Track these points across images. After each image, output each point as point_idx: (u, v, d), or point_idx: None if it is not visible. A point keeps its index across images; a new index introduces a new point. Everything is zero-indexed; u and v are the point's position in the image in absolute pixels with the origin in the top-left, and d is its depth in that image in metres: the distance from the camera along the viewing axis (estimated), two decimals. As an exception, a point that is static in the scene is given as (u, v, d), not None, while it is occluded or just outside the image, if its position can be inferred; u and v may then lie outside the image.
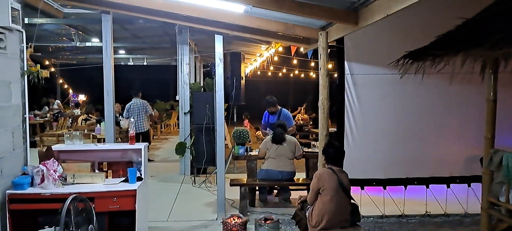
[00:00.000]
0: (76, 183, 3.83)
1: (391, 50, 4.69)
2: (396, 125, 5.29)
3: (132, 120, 9.87)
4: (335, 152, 3.76)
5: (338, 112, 5.23)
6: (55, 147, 4.11)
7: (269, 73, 19.41)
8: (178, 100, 8.32)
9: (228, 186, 5.67)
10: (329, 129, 4.66)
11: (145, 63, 18.40)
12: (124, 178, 3.97)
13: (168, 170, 8.76)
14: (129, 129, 4.04)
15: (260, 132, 14.81)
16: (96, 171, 4.08)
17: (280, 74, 19.49)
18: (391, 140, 5.29)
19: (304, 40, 5.82)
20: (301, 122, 12.96)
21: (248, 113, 14.63)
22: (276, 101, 6.43)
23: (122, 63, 19.18)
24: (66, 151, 4.09)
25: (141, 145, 4.03)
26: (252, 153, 6.01)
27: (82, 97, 21.33)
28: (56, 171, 3.79)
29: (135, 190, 3.70)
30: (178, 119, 11.86)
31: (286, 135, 5.65)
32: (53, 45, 12.68)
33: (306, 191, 6.23)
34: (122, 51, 15.98)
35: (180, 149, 7.85)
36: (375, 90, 5.23)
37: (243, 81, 7.73)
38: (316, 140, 13.41)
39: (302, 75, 19.17)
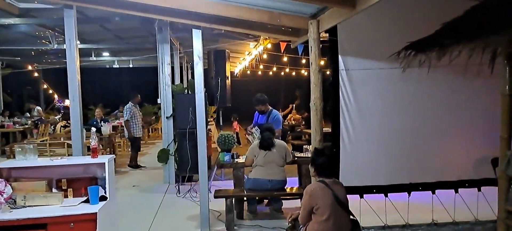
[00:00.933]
0: (28, 206, 3.25)
1: (391, 42, 4.15)
2: (398, 125, 4.75)
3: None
4: (325, 161, 3.22)
5: (333, 112, 4.69)
6: (4, 164, 3.52)
7: (259, 73, 18.87)
8: (160, 104, 7.74)
9: (213, 197, 5.13)
10: (323, 129, 4.14)
11: (131, 66, 17.78)
12: (86, 198, 3.39)
13: (152, 178, 8.17)
14: (90, 140, 3.45)
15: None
16: (54, 190, 3.49)
17: (271, 73, 18.96)
18: (392, 142, 4.75)
19: (293, 32, 5.26)
20: (293, 122, 12.41)
21: (237, 115, 14.05)
22: (266, 99, 5.87)
23: (107, 66, 18.54)
24: (18, 168, 3.50)
25: (105, 158, 3.45)
26: (239, 160, 5.45)
27: (68, 102, 20.52)
28: (3, 192, 3.21)
29: (96, 213, 3.12)
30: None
31: (275, 139, 5.10)
32: (29, 49, 12.05)
33: (299, 202, 5.70)
34: (106, 54, 15.36)
35: (162, 156, 7.27)
36: (374, 87, 4.70)
37: (228, 81, 7.17)
38: (310, 141, 12.95)
39: (293, 73, 18.66)
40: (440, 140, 4.82)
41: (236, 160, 5.46)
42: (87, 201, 3.32)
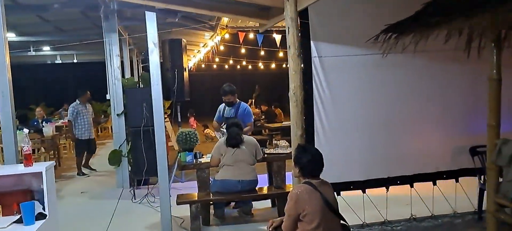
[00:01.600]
0: None
1: (367, 25, 3.81)
2: (374, 115, 4.43)
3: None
4: (311, 159, 2.79)
5: (306, 104, 4.28)
6: None
7: (214, 66, 18.26)
8: (109, 100, 6.99)
9: (174, 202, 4.57)
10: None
11: (75, 61, 16.51)
12: (19, 217, 2.73)
13: (103, 183, 7.41)
14: (22, 145, 2.78)
15: (209, 129, 13.72)
16: (-23, 208, 2.80)
17: (227, 66, 18.40)
18: (369, 134, 4.43)
19: (263, 13, 4.73)
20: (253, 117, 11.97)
21: (193, 110, 13.40)
22: (235, 89, 5.35)
23: (49, 62, 17.11)
24: None
25: (42, 166, 2.80)
26: (202, 160, 4.91)
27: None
28: None
29: (31, 237, 2.49)
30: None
31: (244, 135, 4.62)
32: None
33: (270, 203, 5.27)
34: (46, 48, 14.06)
35: (114, 158, 6.56)
36: (348, 75, 4.33)
37: (186, 74, 6.59)
38: (271, 135, 12.57)
39: (250, 66, 18.22)
40: (417, 130, 4.56)
41: (199, 160, 4.92)
42: (20, 221, 2.68)
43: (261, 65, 17.33)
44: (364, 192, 4.43)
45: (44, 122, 9.05)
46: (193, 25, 8.14)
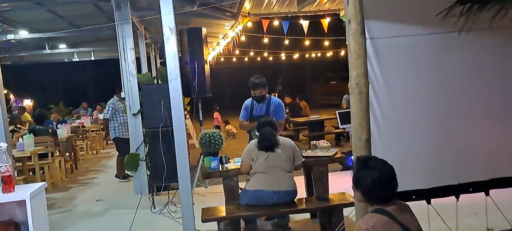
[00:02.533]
0: None
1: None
2: (440, 110, 3.60)
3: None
4: (380, 178, 2.04)
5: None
6: None
7: (234, 59, 17.53)
8: (124, 98, 6.34)
9: (199, 214, 3.89)
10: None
11: (92, 58, 16.07)
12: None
13: (120, 189, 6.81)
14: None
15: (231, 125, 13.03)
16: None
17: (246, 59, 17.65)
18: (434, 133, 3.60)
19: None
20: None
21: (217, 105, 12.75)
22: (265, 82, 4.62)
23: (66, 60, 16.70)
24: None
25: (26, 192, 2.12)
26: (230, 166, 4.20)
27: (28, 102, 18.63)
28: None
29: None
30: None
31: (279, 136, 3.87)
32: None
33: (309, 215, 4.51)
34: (63, 46, 13.64)
35: (131, 162, 5.92)
36: (408, 60, 3.51)
37: (207, 67, 5.89)
38: (297, 130, 11.77)
39: (270, 58, 17.41)
40: (493, 126, 3.72)
41: (226, 166, 4.20)
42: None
43: (283, 56, 16.50)
44: (429, 202, 3.62)
45: (59, 124, 8.53)
46: (213, 14, 7.43)
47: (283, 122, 4.74)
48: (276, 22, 8.28)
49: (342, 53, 15.91)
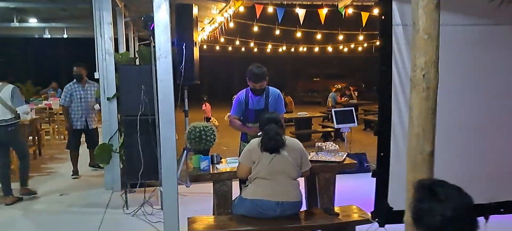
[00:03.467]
0: None
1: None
2: (479, 114, 3.08)
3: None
4: (455, 216, 1.45)
5: (382, 94, 2.94)
6: None
7: (217, 47, 16.73)
8: (97, 80, 5.55)
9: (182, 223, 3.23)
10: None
11: (65, 36, 14.97)
12: None
13: (89, 183, 6.02)
14: None
15: (213, 118, 12.31)
16: None
17: (230, 48, 16.88)
18: (477, 140, 3.08)
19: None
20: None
21: (206, 95, 11.99)
22: (266, 72, 3.97)
23: (36, 36, 15.49)
24: None
25: None
26: (221, 167, 3.55)
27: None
28: None
29: None
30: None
31: (286, 137, 3.24)
32: None
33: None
34: (33, 20, 12.53)
35: (102, 154, 5.16)
36: (447, 52, 2.96)
37: (196, 50, 5.20)
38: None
39: (256, 49, 16.69)
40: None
41: (218, 167, 3.55)
42: None
43: (269, 47, 15.82)
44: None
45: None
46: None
47: (282, 116, 4.12)
48: (270, 9, 7.61)
49: (330, 49, 15.42)
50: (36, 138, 7.70)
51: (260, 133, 3.23)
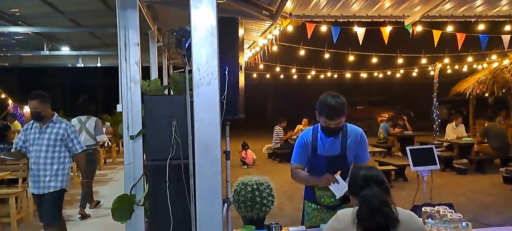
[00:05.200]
0: None
1: None
2: None
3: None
4: None
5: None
6: None
7: (254, 75, 15.72)
8: (120, 113, 4.55)
9: None
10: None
11: (99, 65, 14.50)
12: None
13: (109, 234, 4.98)
14: None
15: (251, 150, 11.14)
16: None
17: (268, 75, 15.81)
18: None
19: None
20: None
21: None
22: (345, 104, 2.83)
23: (70, 65, 15.08)
24: None
25: None
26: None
27: (28, 110, 16.89)
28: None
29: None
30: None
31: (399, 208, 2.03)
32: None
33: None
34: (65, 48, 12.07)
35: (122, 208, 4.08)
36: None
37: (241, 75, 4.11)
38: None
39: (295, 76, 15.56)
40: None
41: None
42: None
43: (330, 73, 14.46)
44: None
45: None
46: (246, 10, 5.70)
47: (367, 164, 2.93)
48: (323, 28, 6.51)
49: (380, 75, 14.08)
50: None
51: (346, 192, 2.06)
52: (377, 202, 1.91)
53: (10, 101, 16.92)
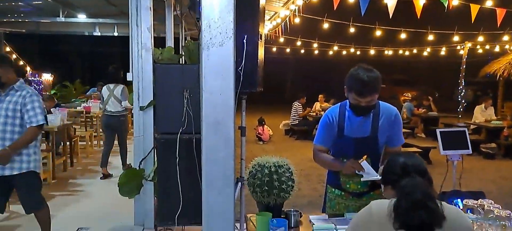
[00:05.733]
0: None
1: None
2: None
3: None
4: None
5: None
6: None
7: (274, 49, 15.26)
8: (130, 82, 4.28)
9: None
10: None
11: (116, 34, 14.27)
12: None
13: (118, 209, 4.78)
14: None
15: (267, 126, 10.84)
16: None
17: (288, 49, 15.35)
18: None
19: None
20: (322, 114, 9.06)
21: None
22: (379, 79, 2.48)
23: (86, 33, 14.91)
24: None
25: None
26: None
27: (47, 77, 16.93)
28: None
29: None
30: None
31: (445, 204, 1.69)
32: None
33: None
34: (82, 15, 11.87)
35: (129, 184, 3.85)
36: None
37: (261, 46, 3.75)
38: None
39: (316, 51, 15.04)
40: None
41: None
42: None
43: (352, 49, 13.95)
44: None
45: (52, 109, 6.64)
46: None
47: (399, 148, 2.59)
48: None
49: (406, 52, 13.43)
50: (68, 145, 6.67)
51: (380, 181, 1.74)
52: (420, 195, 1.58)
53: (28, 68, 16.94)
